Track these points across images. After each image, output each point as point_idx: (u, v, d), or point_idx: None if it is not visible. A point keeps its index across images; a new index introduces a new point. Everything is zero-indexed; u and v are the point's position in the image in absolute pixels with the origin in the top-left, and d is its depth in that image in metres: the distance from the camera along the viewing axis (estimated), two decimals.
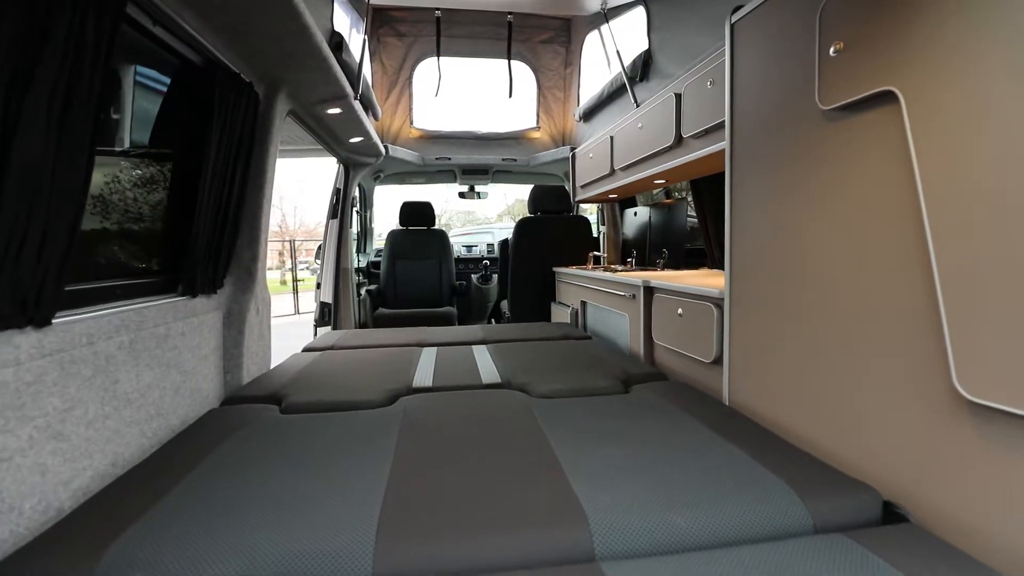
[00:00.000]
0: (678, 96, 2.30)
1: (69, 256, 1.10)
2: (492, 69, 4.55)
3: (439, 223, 5.11)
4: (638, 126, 2.76)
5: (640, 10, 3.08)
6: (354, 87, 2.69)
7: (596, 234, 4.72)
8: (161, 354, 1.52)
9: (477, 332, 3.06)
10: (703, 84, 2.07)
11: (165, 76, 1.67)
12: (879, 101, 1.12)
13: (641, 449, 1.28)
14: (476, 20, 4.36)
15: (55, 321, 1.12)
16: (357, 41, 3.06)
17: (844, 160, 1.23)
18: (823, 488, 1.07)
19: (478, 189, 5.29)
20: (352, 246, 4.35)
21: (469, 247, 5.95)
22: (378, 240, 5.72)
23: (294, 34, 1.80)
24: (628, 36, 3.29)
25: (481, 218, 19.56)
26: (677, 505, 1.01)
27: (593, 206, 5.08)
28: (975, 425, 0.94)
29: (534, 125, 4.67)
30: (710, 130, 2.05)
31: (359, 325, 4.36)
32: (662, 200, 3.91)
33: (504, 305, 4.47)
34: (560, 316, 3.81)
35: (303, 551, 0.90)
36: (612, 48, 3.35)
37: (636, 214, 4.01)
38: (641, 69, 2.99)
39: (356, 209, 4.90)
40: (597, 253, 4.07)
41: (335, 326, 4.04)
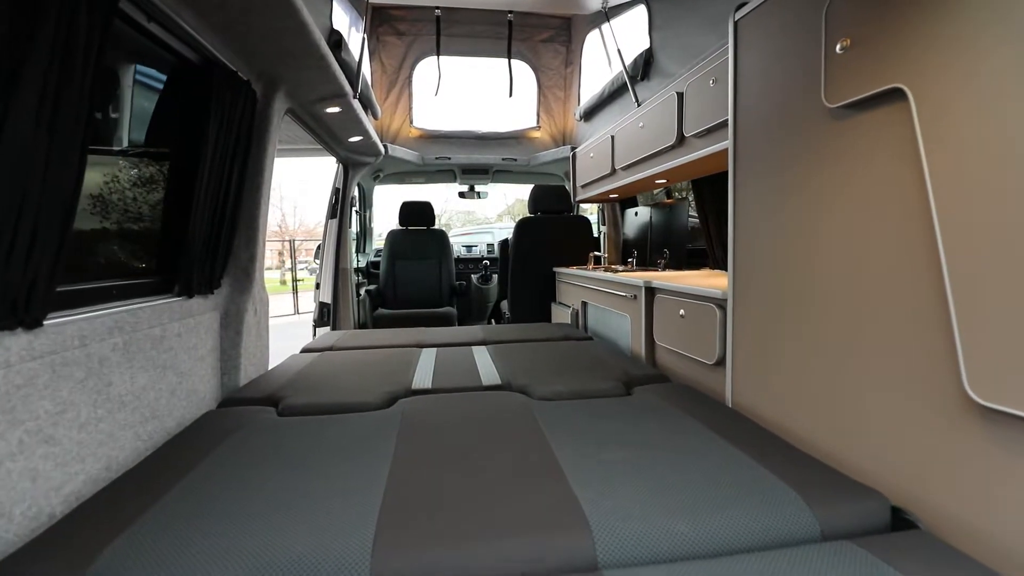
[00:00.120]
0: (680, 95, 2.28)
1: (61, 256, 1.08)
2: (492, 68, 4.53)
3: (439, 223, 5.09)
4: (639, 125, 2.74)
5: (641, 9, 3.06)
6: (353, 86, 2.67)
7: (596, 234, 4.70)
8: (156, 356, 1.50)
9: (477, 333, 3.04)
10: (705, 83, 2.05)
11: (161, 74, 1.65)
12: (887, 99, 1.10)
13: (644, 453, 1.26)
14: (476, 19, 4.34)
15: (46, 323, 1.10)
16: (356, 40, 3.04)
17: (850, 158, 1.21)
18: (830, 493, 1.05)
19: (478, 189, 5.27)
20: (351, 246, 4.33)
21: (469, 247, 5.92)
22: (378, 240, 5.70)
23: (292, 31, 1.78)
24: (629, 35, 3.27)
25: (481, 218, 19.55)
26: (681, 511, 0.99)
27: (594, 206, 5.06)
28: (987, 429, 0.92)
29: (534, 124, 4.65)
30: (712, 129, 2.03)
31: (358, 325, 4.34)
32: (663, 200, 3.89)
33: (504, 305, 4.45)
34: (560, 317, 3.79)
35: (299, 557, 0.88)
36: (613, 47, 3.32)
37: (637, 214, 3.99)
38: (642, 68, 2.97)
39: (355, 209, 4.88)
40: (598, 253, 4.05)
41: (334, 326, 4.02)
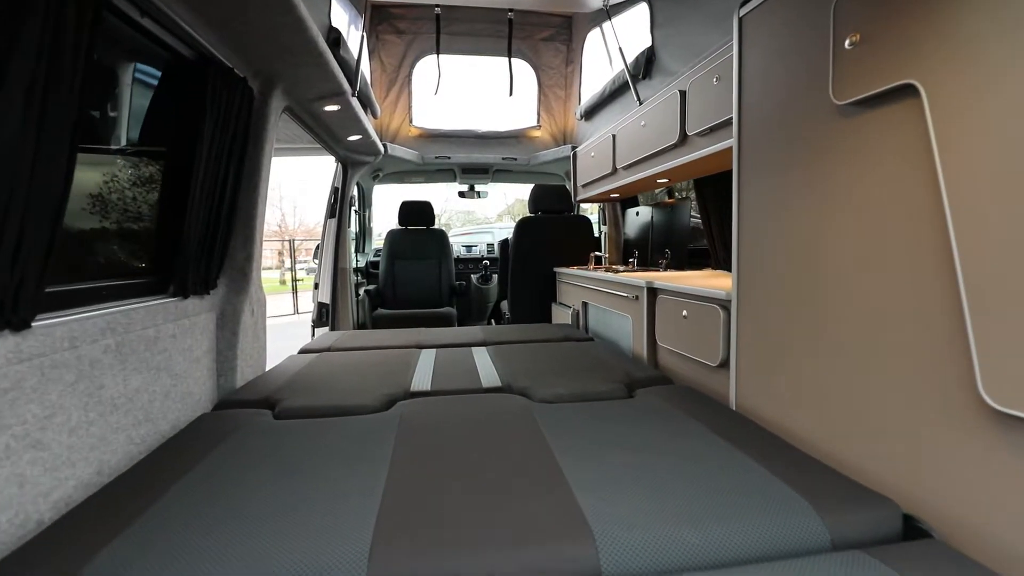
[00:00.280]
0: (682, 93, 2.25)
1: (50, 257, 1.06)
2: (492, 67, 4.50)
3: (439, 223, 5.06)
4: (641, 124, 2.71)
5: (643, 7, 3.03)
6: (352, 84, 2.64)
7: (597, 234, 4.68)
8: (150, 357, 1.47)
9: (477, 333, 3.01)
10: (709, 80, 2.02)
11: (156, 70, 1.62)
12: (898, 95, 1.07)
13: (648, 458, 1.23)
14: (476, 17, 4.31)
15: (35, 324, 1.07)
16: (355, 38, 3.01)
17: (859, 156, 1.18)
18: (839, 500, 1.02)
19: (478, 188, 5.24)
20: (351, 246, 4.30)
21: (469, 247, 5.89)
22: (377, 240, 5.67)
23: (289, 28, 1.75)
24: (630, 33, 3.24)
25: (481, 218, 19.53)
26: (687, 519, 0.96)
27: (594, 206, 5.03)
28: (1002, 435, 0.89)
29: (535, 124, 4.62)
30: (716, 127, 2.00)
31: (358, 326, 4.31)
32: (664, 200, 3.86)
33: (504, 306, 4.42)
34: (561, 317, 3.76)
35: (294, 566, 0.85)
36: (614, 45, 3.30)
37: (638, 214, 3.96)
38: (644, 66, 2.94)
39: (355, 208, 4.85)
40: (598, 253, 4.02)
41: (333, 327, 3.99)
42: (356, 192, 4.86)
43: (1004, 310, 0.86)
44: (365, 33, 3.20)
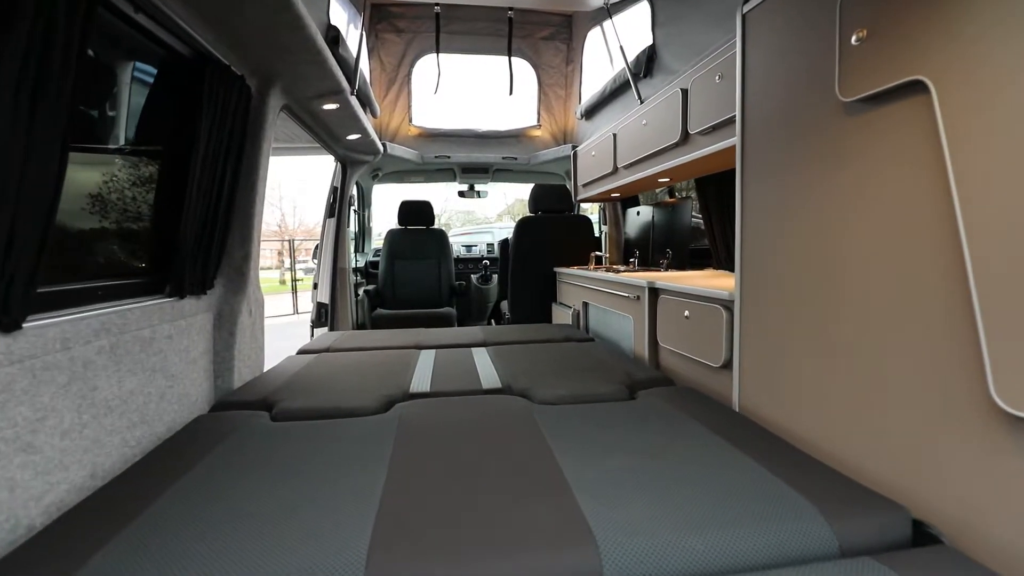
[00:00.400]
0: (684, 92, 2.23)
1: (42, 257, 1.03)
2: (492, 66, 4.48)
3: (438, 223, 5.04)
4: (642, 123, 2.69)
5: (643, 5, 3.01)
6: (351, 82, 2.62)
7: (598, 234, 4.66)
8: (145, 358, 1.45)
9: (477, 334, 2.99)
10: (711, 79, 2.00)
11: (152, 68, 1.60)
12: (907, 92, 1.05)
13: (651, 461, 1.21)
14: (476, 16, 4.29)
15: (26, 325, 1.05)
16: (355, 37, 2.99)
17: (866, 154, 1.16)
18: (847, 505, 1.00)
19: (478, 188, 5.22)
20: (350, 246, 4.28)
21: (469, 247, 5.87)
22: (376, 240, 5.65)
23: (287, 25, 1.73)
24: (631, 32, 3.22)
25: (481, 218, 19.51)
26: (692, 525, 0.94)
27: (595, 205, 5.01)
28: (1015, 439, 0.87)
29: (535, 123, 4.60)
30: (718, 126, 1.98)
31: (357, 326, 4.29)
32: (665, 199, 3.84)
33: (504, 306, 4.40)
34: (561, 317, 3.74)
35: (290, 571, 0.84)
36: (615, 44, 3.28)
37: (639, 213, 3.94)
38: (645, 65, 2.92)
39: (354, 208, 4.83)
40: (599, 253, 4.00)
41: (332, 327, 3.97)
42: (355, 192, 4.84)
43: (1017, 311, 0.84)
44: (364, 32, 3.18)
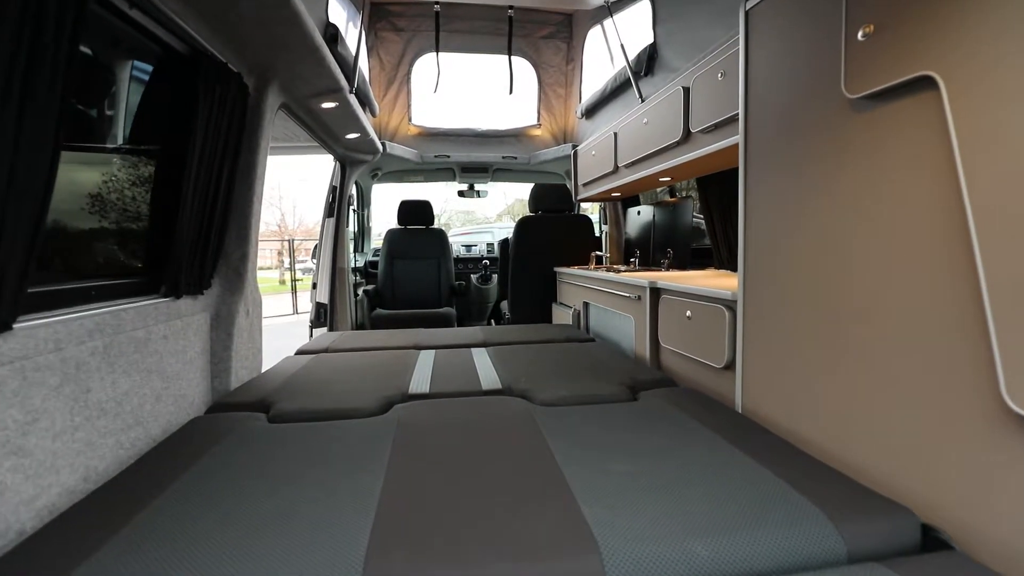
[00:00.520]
0: (686, 90, 2.21)
1: (32, 256, 1.01)
2: (492, 65, 4.45)
3: (438, 223, 5.02)
4: (643, 121, 2.67)
5: (644, 3, 2.99)
6: (349, 81, 2.60)
7: (598, 233, 4.63)
8: (140, 359, 1.43)
9: (477, 334, 2.97)
10: (713, 76, 1.98)
11: (147, 65, 1.58)
12: (914, 88, 1.03)
13: (654, 464, 1.19)
14: (476, 15, 4.26)
15: (16, 326, 1.03)
16: (353, 35, 2.97)
17: (873, 151, 1.14)
18: (854, 509, 0.98)
19: (477, 188, 5.20)
20: (349, 245, 4.25)
21: (468, 247, 5.85)
22: (376, 239, 5.63)
23: (284, 22, 1.71)
24: (632, 30, 3.20)
25: (481, 218, 19.48)
26: (696, 530, 0.92)
27: (595, 205, 4.99)
28: None
29: (535, 122, 4.58)
30: (720, 124, 1.96)
31: (356, 326, 4.27)
32: (666, 198, 3.82)
33: (504, 306, 4.38)
34: (561, 317, 3.72)
35: None
36: (616, 42, 3.25)
37: (640, 213, 3.92)
38: (646, 63, 2.90)
39: (353, 208, 4.80)
40: (599, 253, 3.98)
41: (331, 327, 3.95)
42: (355, 191, 4.81)
43: None
44: (363, 30, 3.16)
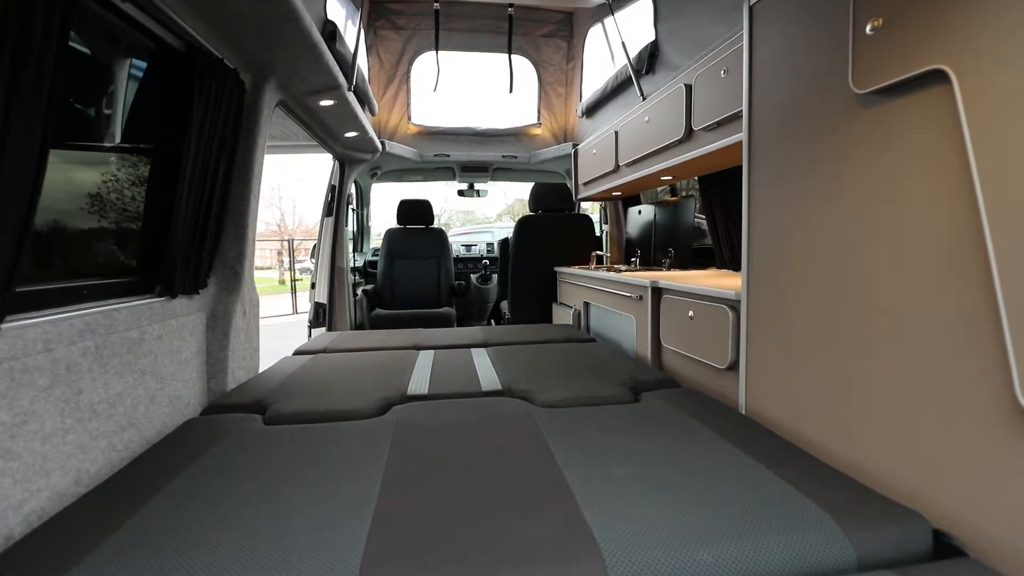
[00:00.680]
0: (688, 87, 2.19)
1: (20, 255, 0.99)
2: (492, 63, 4.43)
3: (438, 224, 5.00)
4: (645, 120, 2.65)
5: (646, 1, 2.97)
6: (348, 78, 2.57)
7: (599, 233, 4.61)
8: (133, 360, 1.40)
9: (476, 334, 2.95)
10: (716, 73, 1.95)
11: (141, 61, 1.56)
12: (925, 82, 1.00)
13: (657, 468, 1.16)
14: (476, 13, 4.24)
15: (4, 326, 1.00)
16: (352, 33, 2.95)
17: (881, 147, 1.11)
18: (863, 514, 0.95)
19: (477, 187, 5.17)
20: (348, 245, 4.23)
21: (468, 246, 5.83)
22: (375, 239, 5.60)
23: (282, 17, 1.68)
24: (633, 28, 3.18)
25: (480, 218, 19.46)
26: (702, 536, 0.89)
27: (595, 204, 4.97)
28: None
29: (535, 121, 4.56)
30: (723, 122, 1.93)
31: (355, 326, 4.25)
32: (667, 198, 3.80)
33: (504, 306, 4.35)
34: (562, 317, 3.69)
35: None
36: (616, 40, 3.23)
37: (640, 212, 3.89)
38: (647, 61, 2.88)
39: (352, 207, 4.78)
40: (600, 252, 3.95)
41: (330, 327, 3.92)
42: (354, 190, 4.79)
43: None
44: (363, 28, 3.13)
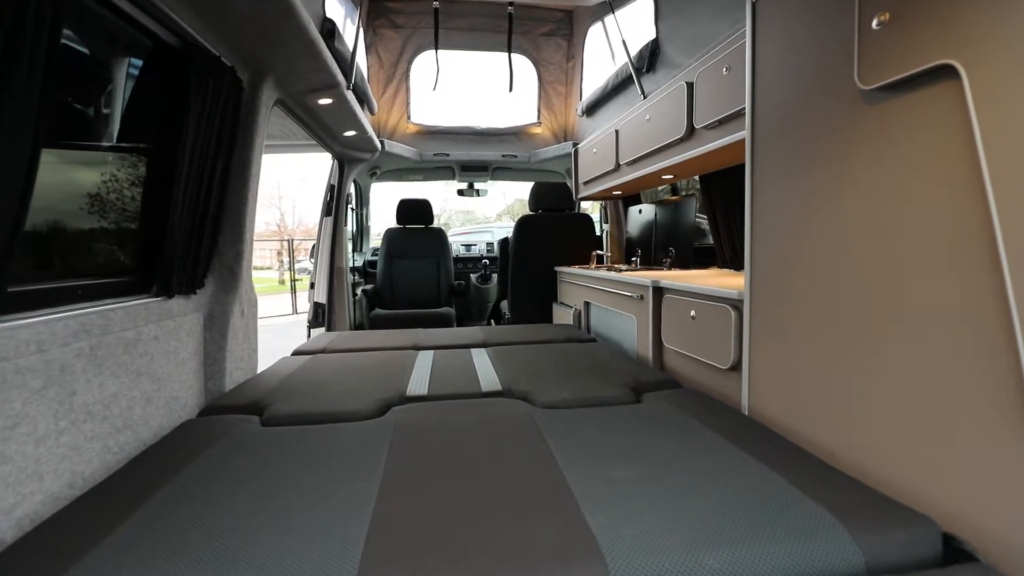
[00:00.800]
0: (690, 85, 2.17)
1: (12, 255, 0.97)
2: (492, 62, 4.41)
3: (438, 223, 4.98)
4: (645, 118, 2.63)
5: None
6: (347, 76, 2.55)
7: (599, 232, 4.59)
8: (129, 361, 1.39)
9: (476, 334, 2.93)
10: (718, 71, 1.94)
11: (136, 58, 1.54)
12: (934, 77, 0.99)
13: (660, 471, 1.14)
14: (475, 12, 4.22)
15: None
16: (351, 32, 2.93)
17: (887, 145, 1.10)
18: (871, 518, 0.93)
19: (477, 186, 5.15)
20: (348, 245, 4.21)
21: (468, 246, 5.81)
22: (375, 239, 5.58)
23: (279, 14, 1.66)
24: (633, 26, 3.16)
25: (480, 218, 19.44)
26: (706, 541, 0.87)
27: (596, 204, 4.95)
28: None
29: (535, 120, 4.54)
30: (725, 120, 1.91)
31: (355, 326, 4.23)
32: (668, 197, 3.78)
33: (504, 306, 4.33)
34: (562, 317, 3.67)
35: None
36: (617, 39, 3.21)
37: (641, 211, 3.87)
38: (648, 59, 2.86)
39: (352, 207, 4.76)
40: (600, 252, 3.94)
41: (329, 327, 3.90)
42: (353, 190, 4.77)
43: None
44: (362, 26, 3.11)
